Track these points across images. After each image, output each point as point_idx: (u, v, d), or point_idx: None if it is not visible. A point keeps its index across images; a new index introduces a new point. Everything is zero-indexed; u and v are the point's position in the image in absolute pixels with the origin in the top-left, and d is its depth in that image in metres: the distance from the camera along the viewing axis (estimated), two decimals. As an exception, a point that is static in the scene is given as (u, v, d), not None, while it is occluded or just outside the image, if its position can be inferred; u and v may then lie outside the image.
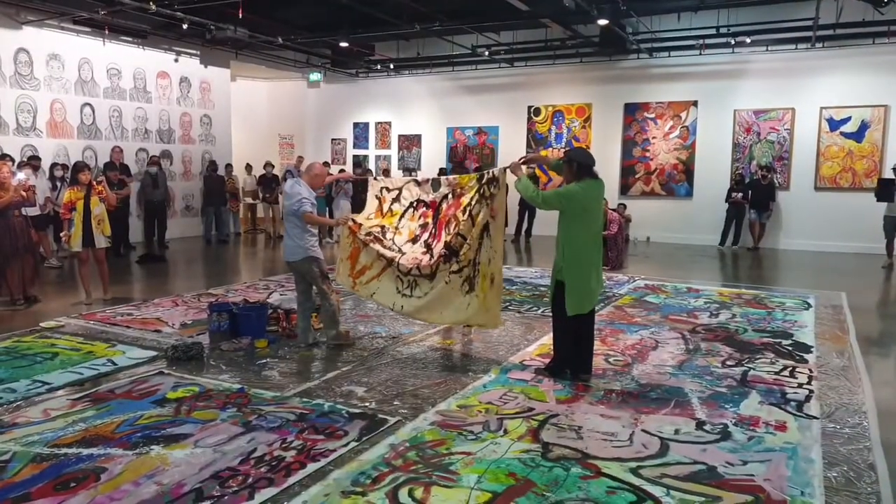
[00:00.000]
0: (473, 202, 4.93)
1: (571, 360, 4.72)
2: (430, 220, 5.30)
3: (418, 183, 5.49)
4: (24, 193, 7.08)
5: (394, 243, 5.33)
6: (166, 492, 3.01)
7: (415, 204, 5.44)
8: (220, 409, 4.03)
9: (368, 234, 5.36)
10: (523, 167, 4.93)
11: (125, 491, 3.02)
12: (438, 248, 5.05)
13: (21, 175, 8.05)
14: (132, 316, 6.57)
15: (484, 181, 4.93)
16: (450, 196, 5.21)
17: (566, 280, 4.59)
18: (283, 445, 3.52)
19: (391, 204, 5.55)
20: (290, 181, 5.51)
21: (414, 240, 5.32)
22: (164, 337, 5.77)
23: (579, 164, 4.63)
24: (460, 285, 4.90)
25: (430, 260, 5.03)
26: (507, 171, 4.90)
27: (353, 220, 5.42)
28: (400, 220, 5.47)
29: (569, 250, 4.60)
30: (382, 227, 5.48)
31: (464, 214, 4.96)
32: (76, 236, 7.06)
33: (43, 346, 5.41)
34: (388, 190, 5.64)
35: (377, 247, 5.28)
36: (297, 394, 4.37)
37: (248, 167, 14.92)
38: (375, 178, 5.87)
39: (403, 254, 5.21)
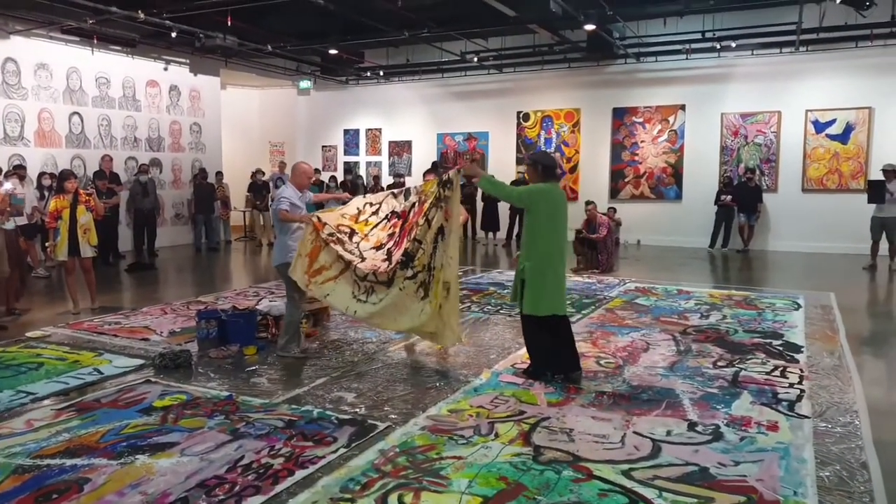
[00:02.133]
0: (431, 206, 4.91)
1: (549, 360, 4.72)
2: (397, 229, 5.26)
3: (395, 195, 5.47)
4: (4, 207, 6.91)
5: (357, 247, 5.24)
6: (151, 502, 2.96)
7: (389, 216, 5.41)
8: (208, 417, 3.98)
9: (332, 234, 5.24)
10: (477, 167, 4.95)
11: (108, 502, 2.97)
12: (397, 255, 4.99)
13: (8, 185, 7.96)
14: (120, 325, 6.50)
15: (441, 184, 4.91)
16: (416, 204, 5.17)
17: (527, 279, 4.61)
18: (271, 453, 3.48)
19: (369, 216, 5.51)
20: (281, 186, 5.51)
21: (378, 247, 5.26)
22: (151, 345, 5.70)
23: (544, 167, 4.72)
24: (415, 290, 4.84)
25: (388, 266, 4.97)
26: (461, 172, 4.91)
27: (318, 218, 5.29)
28: (372, 229, 5.42)
29: (534, 250, 4.61)
30: (352, 230, 5.39)
31: (423, 219, 4.93)
32: (62, 245, 6.98)
33: (28, 356, 5.33)
34: (371, 204, 5.58)
35: (338, 248, 5.17)
36: (285, 400, 4.32)
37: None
38: (364, 196, 5.79)
39: (363, 259, 5.13)
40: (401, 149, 16.42)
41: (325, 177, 14.62)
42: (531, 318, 4.68)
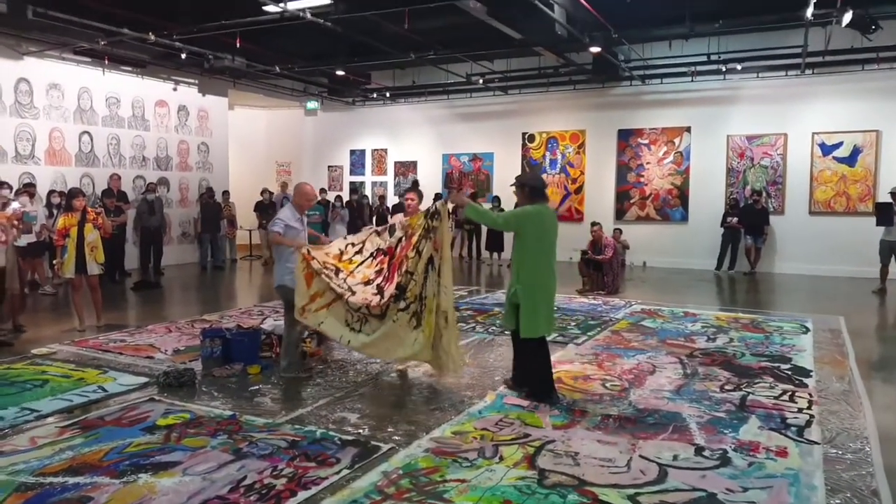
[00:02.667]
0: (420, 238, 4.89)
1: (551, 381, 4.77)
2: (385, 265, 5.24)
3: (379, 233, 5.45)
4: (14, 223, 6.94)
5: (344, 282, 5.19)
6: (153, 522, 2.94)
7: (374, 253, 5.37)
8: (211, 436, 3.96)
9: (323, 264, 5.25)
10: (465, 198, 4.95)
11: (110, 521, 2.94)
12: (390, 289, 4.96)
13: (16, 204, 8.02)
14: (125, 342, 6.50)
15: (428, 216, 4.90)
16: (403, 239, 5.13)
17: (521, 303, 4.61)
18: (274, 473, 3.45)
19: (352, 255, 5.47)
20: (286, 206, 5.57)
21: (367, 283, 5.22)
22: (156, 363, 5.70)
23: (531, 188, 4.73)
24: (408, 321, 4.82)
25: (381, 301, 4.95)
26: (448, 203, 4.88)
27: (308, 251, 5.26)
28: (357, 266, 5.37)
29: (524, 273, 4.61)
30: (336, 268, 5.33)
31: (413, 252, 4.91)
32: (69, 262, 7.01)
33: (33, 373, 5.33)
34: (353, 245, 5.53)
35: (328, 280, 5.16)
36: (288, 420, 4.30)
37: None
38: (344, 238, 5.75)
39: (353, 293, 5.09)
40: (406, 169, 16.51)
41: (331, 196, 14.65)
42: (530, 341, 4.66)
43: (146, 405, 4.57)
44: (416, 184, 13.75)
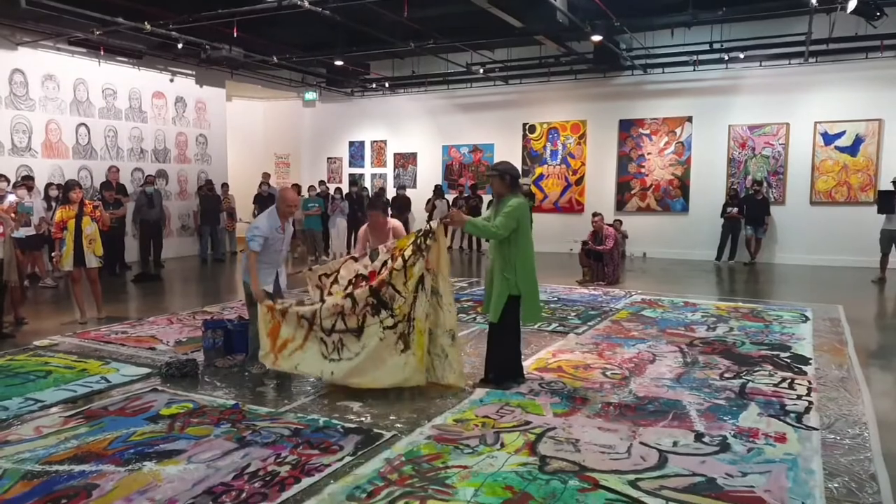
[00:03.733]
0: (408, 255, 4.61)
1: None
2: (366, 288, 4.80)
3: (356, 259, 5.12)
4: (12, 215, 6.93)
5: (321, 299, 4.92)
6: (158, 508, 2.96)
7: (353, 280, 4.98)
8: (214, 425, 3.99)
9: (284, 307, 4.90)
10: (463, 216, 4.83)
11: (116, 508, 2.97)
12: (362, 293, 4.59)
13: (12, 197, 8.01)
14: (127, 334, 6.52)
15: (420, 235, 4.66)
16: (389, 261, 4.76)
17: (523, 292, 4.68)
18: (278, 460, 3.47)
19: (330, 287, 5.08)
20: (265, 213, 5.21)
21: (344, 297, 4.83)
22: (158, 354, 5.72)
23: (513, 177, 4.74)
24: (394, 343, 4.51)
25: (354, 308, 4.58)
26: (444, 224, 4.76)
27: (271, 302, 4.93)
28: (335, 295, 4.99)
29: (520, 263, 4.65)
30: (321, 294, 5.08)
31: (398, 264, 4.60)
32: (67, 255, 6.98)
33: (36, 365, 5.35)
34: (327, 276, 5.15)
35: (296, 309, 4.79)
36: (291, 409, 4.32)
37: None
38: (310, 269, 5.28)
39: (324, 302, 4.76)
40: (406, 161, 16.48)
41: (330, 188, 14.64)
42: (510, 327, 4.77)
43: (149, 395, 4.60)
44: (378, 196, 13.61)
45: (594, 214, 10.56)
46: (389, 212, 5.74)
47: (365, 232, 5.61)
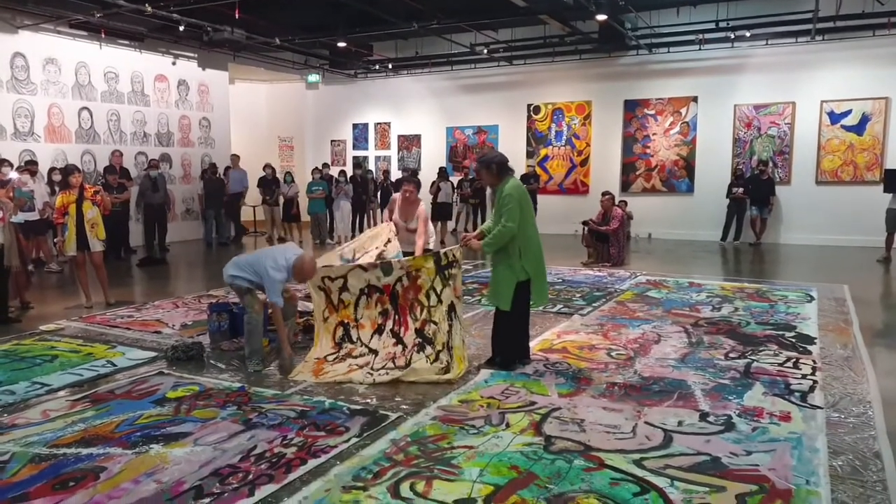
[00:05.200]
0: (436, 285, 4.75)
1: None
2: (388, 305, 4.98)
3: (364, 269, 5.08)
4: (9, 196, 6.90)
5: (360, 342, 4.98)
6: (166, 489, 2.99)
7: (366, 290, 5.03)
8: (221, 408, 4.01)
9: (335, 356, 4.93)
10: (477, 242, 4.77)
11: (124, 489, 2.99)
12: (409, 337, 4.80)
13: (14, 175, 7.98)
14: (132, 318, 6.55)
15: (442, 264, 4.75)
16: (404, 279, 4.88)
17: (532, 275, 4.65)
18: (284, 442, 3.49)
19: (339, 294, 5.10)
20: (283, 263, 4.79)
21: (378, 330, 4.98)
22: (163, 338, 5.75)
23: (499, 164, 4.64)
24: (437, 371, 4.57)
25: (405, 351, 4.74)
26: (461, 250, 4.81)
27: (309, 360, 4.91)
28: (356, 310, 5.07)
29: (524, 247, 4.62)
30: (343, 323, 5.09)
31: (429, 300, 4.77)
32: (70, 240, 6.99)
33: (42, 349, 5.38)
34: (332, 279, 5.12)
35: (345, 364, 4.79)
36: (297, 391, 4.34)
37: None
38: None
39: (376, 353, 4.85)
40: (410, 143, 16.41)
41: (334, 171, 14.60)
42: (525, 311, 4.82)
43: (155, 378, 4.62)
44: (414, 173, 13.43)
45: (604, 194, 10.40)
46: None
47: (393, 202, 5.91)
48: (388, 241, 5.72)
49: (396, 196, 6.03)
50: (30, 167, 9.70)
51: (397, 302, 4.97)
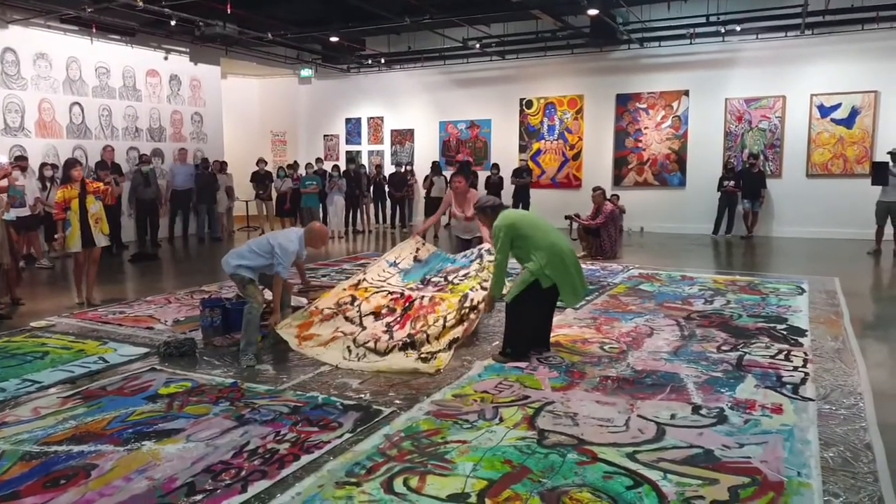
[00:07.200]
0: (449, 317, 5.09)
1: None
2: (399, 308, 5.38)
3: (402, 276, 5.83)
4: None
5: (359, 311, 5.35)
6: (158, 486, 2.98)
7: (391, 291, 5.62)
8: (213, 404, 4.00)
9: (331, 308, 5.38)
10: (490, 302, 5.12)
11: (116, 487, 2.98)
12: (399, 334, 5.05)
13: (3, 158, 7.87)
14: (124, 314, 6.51)
15: (466, 304, 5.18)
16: (425, 299, 5.35)
17: (558, 281, 4.73)
18: (277, 438, 3.49)
19: (367, 287, 5.74)
20: (294, 236, 5.05)
21: (377, 315, 5.34)
22: (156, 334, 5.72)
23: (492, 207, 5.09)
24: (414, 360, 4.76)
25: (389, 340, 4.98)
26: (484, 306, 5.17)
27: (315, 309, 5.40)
28: (373, 294, 5.59)
29: (539, 253, 4.70)
30: (352, 297, 5.56)
31: (434, 322, 5.07)
32: (74, 237, 6.75)
33: (33, 346, 5.35)
34: (363, 280, 5.85)
35: (338, 322, 5.20)
36: (290, 387, 4.33)
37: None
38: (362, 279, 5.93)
39: (364, 328, 5.18)
40: (403, 137, 16.38)
41: (328, 166, 14.55)
42: (537, 307, 4.88)
43: (147, 375, 4.60)
44: (464, 166, 12.75)
45: (594, 189, 10.43)
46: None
47: (449, 196, 6.42)
48: (418, 248, 6.29)
49: (449, 191, 6.59)
50: (20, 163, 9.61)
51: (409, 311, 5.29)
